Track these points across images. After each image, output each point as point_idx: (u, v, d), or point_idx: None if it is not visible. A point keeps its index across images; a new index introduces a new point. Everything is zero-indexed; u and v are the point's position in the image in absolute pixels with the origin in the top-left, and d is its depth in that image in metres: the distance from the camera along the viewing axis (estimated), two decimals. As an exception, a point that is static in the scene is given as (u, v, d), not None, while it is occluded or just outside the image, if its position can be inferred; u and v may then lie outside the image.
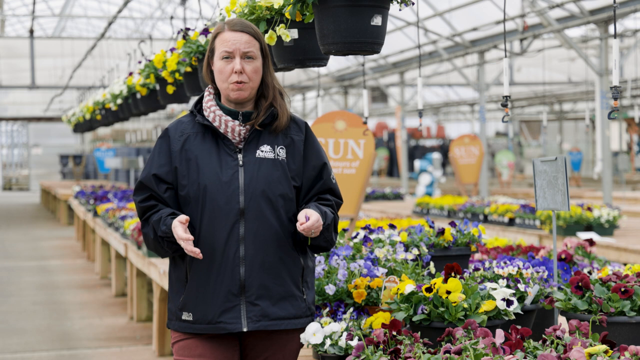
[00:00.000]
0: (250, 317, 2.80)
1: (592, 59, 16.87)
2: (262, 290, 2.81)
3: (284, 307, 2.84)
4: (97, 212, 11.01)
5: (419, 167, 17.44)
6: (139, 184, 2.90)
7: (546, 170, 3.29)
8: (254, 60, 2.86)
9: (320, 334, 2.98)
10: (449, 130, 37.54)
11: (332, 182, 2.97)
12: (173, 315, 2.91)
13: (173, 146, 2.88)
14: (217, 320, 2.81)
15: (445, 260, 3.62)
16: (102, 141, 30.95)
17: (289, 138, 2.92)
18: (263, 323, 2.82)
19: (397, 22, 15.31)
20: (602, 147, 12.00)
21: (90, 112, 12.87)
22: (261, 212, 2.82)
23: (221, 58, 2.86)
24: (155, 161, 2.89)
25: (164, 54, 6.13)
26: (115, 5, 20.67)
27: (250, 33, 2.87)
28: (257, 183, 2.82)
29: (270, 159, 2.86)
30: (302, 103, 27.21)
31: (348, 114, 5.55)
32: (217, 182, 2.82)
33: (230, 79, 2.84)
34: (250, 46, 2.85)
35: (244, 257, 2.80)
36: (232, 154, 2.86)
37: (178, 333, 2.91)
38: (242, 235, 2.80)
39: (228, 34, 2.86)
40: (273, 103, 2.91)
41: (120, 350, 7.18)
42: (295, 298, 2.87)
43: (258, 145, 2.87)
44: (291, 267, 2.86)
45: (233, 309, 2.80)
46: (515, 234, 8.37)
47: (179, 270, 2.89)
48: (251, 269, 2.80)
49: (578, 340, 2.51)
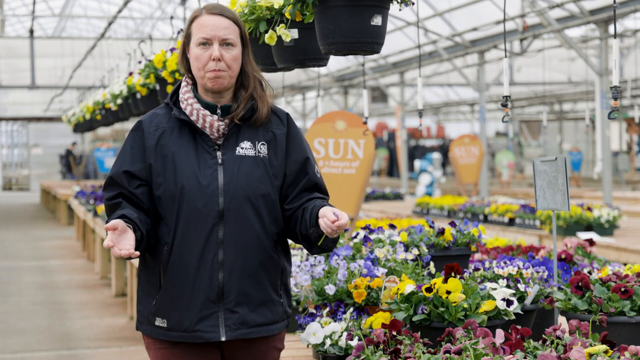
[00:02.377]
0: (228, 325, 2.65)
1: (592, 59, 16.87)
2: (241, 296, 2.65)
3: (262, 313, 2.69)
4: (97, 212, 11.00)
5: (419, 167, 17.44)
6: (109, 179, 2.71)
7: (546, 170, 3.29)
8: (233, 47, 2.67)
9: (320, 334, 2.99)
10: (449, 130, 37.54)
11: (317, 176, 2.79)
12: (144, 319, 2.73)
13: (147, 141, 2.69)
14: (194, 329, 2.64)
15: (445, 260, 3.62)
16: (102, 141, 30.95)
17: (270, 132, 2.74)
18: (242, 331, 2.66)
19: (397, 22, 15.31)
20: (602, 147, 12.00)
21: (90, 112, 12.88)
22: (242, 214, 2.65)
23: (198, 44, 2.66)
24: (127, 156, 2.70)
25: (164, 54, 6.13)
26: (115, 5, 20.65)
27: (229, 17, 2.69)
28: (237, 183, 2.65)
29: (251, 157, 2.68)
30: (302, 103, 27.21)
31: (348, 114, 5.55)
32: (195, 182, 2.64)
33: (207, 67, 2.65)
34: (230, 32, 2.67)
35: (222, 262, 2.64)
36: (210, 152, 2.68)
37: (152, 339, 2.74)
38: (221, 239, 2.64)
39: (206, 18, 2.68)
40: (253, 94, 2.72)
41: (120, 350, 7.18)
42: (273, 303, 2.72)
43: (238, 142, 2.69)
44: (271, 271, 2.71)
45: (211, 317, 2.64)
46: (515, 234, 8.37)
47: (151, 272, 2.72)
48: (230, 275, 2.64)
49: (578, 340, 2.51)
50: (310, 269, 3.56)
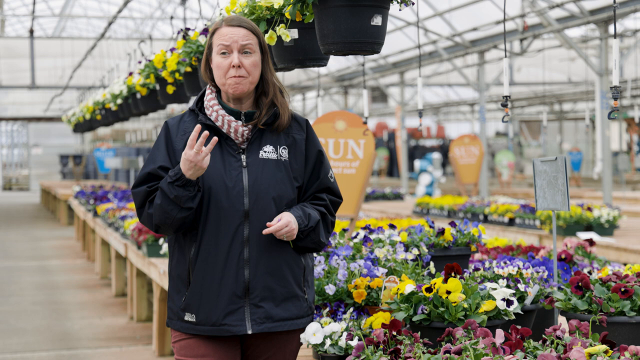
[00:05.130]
0: (254, 319, 2.80)
1: (592, 59, 16.87)
2: (266, 292, 2.81)
3: (287, 308, 2.84)
4: (97, 212, 11.01)
5: (419, 167, 17.44)
6: (145, 175, 2.82)
7: (546, 170, 3.29)
8: (252, 54, 2.82)
9: (320, 334, 2.98)
10: (449, 130, 37.55)
11: (330, 180, 2.96)
12: (174, 315, 2.89)
13: (176, 144, 2.84)
14: (221, 323, 2.80)
15: (445, 260, 3.62)
16: (102, 141, 30.95)
17: (291, 137, 2.90)
18: (267, 325, 2.81)
19: (397, 22, 15.31)
20: (602, 147, 12.00)
21: (90, 112, 12.87)
22: (266, 213, 2.80)
23: (219, 53, 2.82)
24: (161, 154, 2.84)
25: (164, 54, 6.13)
26: (115, 5, 20.66)
27: (247, 28, 2.84)
28: (261, 184, 2.81)
29: (274, 160, 2.85)
30: (302, 103, 27.21)
31: (348, 114, 5.55)
32: (221, 183, 2.79)
33: (228, 74, 2.80)
34: (248, 39, 2.82)
35: (248, 259, 2.79)
36: (235, 155, 2.83)
37: (179, 332, 2.89)
38: (247, 237, 2.79)
39: (225, 29, 2.83)
40: (274, 101, 2.88)
41: (120, 350, 7.18)
42: (297, 298, 2.87)
43: (261, 146, 2.85)
44: (294, 268, 2.86)
45: (237, 311, 2.80)
46: (515, 234, 8.37)
47: (181, 267, 2.86)
48: (255, 271, 2.80)
49: (578, 340, 2.51)
50: (310, 269, 3.56)
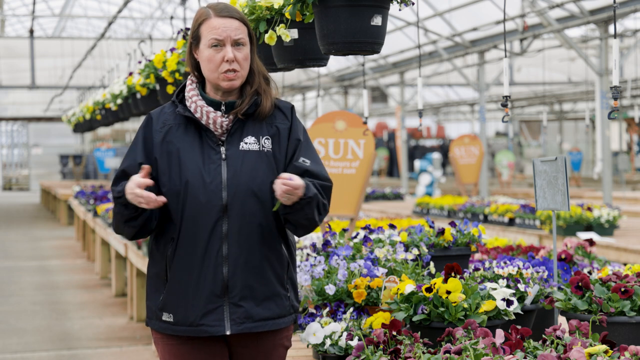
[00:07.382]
0: (233, 319, 2.66)
1: (592, 59, 16.86)
2: (246, 290, 2.67)
3: (268, 307, 2.70)
4: (97, 212, 11.01)
5: (419, 167, 17.44)
6: (120, 172, 2.74)
7: (546, 170, 3.29)
8: (244, 47, 2.73)
9: (320, 333, 2.98)
10: (449, 130, 37.54)
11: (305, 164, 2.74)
12: (152, 314, 2.77)
13: (155, 137, 2.74)
14: (199, 323, 2.67)
15: (445, 260, 3.62)
16: (102, 141, 30.95)
17: (274, 127, 2.76)
18: (247, 325, 2.68)
19: (397, 22, 15.31)
20: (602, 147, 12.00)
21: (90, 112, 12.87)
22: (245, 208, 2.67)
23: (210, 46, 2.70)
24: (139, 150, 2.75)
25: (164, 54, 6.13)
26: (115, 5, 20.65)
27: (238, 18, 2.74)
28: (240, 177, 2.68)
29: (255, 151, 2.71)
30: (302, 103, 27.22)
31: (348, 114, 5.55)
32: (199, 177, 2.67)
33: (221, 68, 2.70)
34: (241, 32, 2.72)
35: (227, 256, 2.66)
36: (214, 147, 2.71)
37: (160, 334, 2.77)
38: (225, 233, 2.66)
39: (216, 21, 2.71)
40: (258, 90, 2.76)
41: (120, 350, 7.18)
42: (280, 297, 2.72)
43: (242, 137, 2.73)
44: (275, 265, 2.72)
45: (216, 311, 2.66)
46: (515, 234, 8.37)
47: (158, 266, 2.75)
48: (235, 269, 2.66)
49: (578, 340, 2.51)
50: (310, 269, 3.56)
